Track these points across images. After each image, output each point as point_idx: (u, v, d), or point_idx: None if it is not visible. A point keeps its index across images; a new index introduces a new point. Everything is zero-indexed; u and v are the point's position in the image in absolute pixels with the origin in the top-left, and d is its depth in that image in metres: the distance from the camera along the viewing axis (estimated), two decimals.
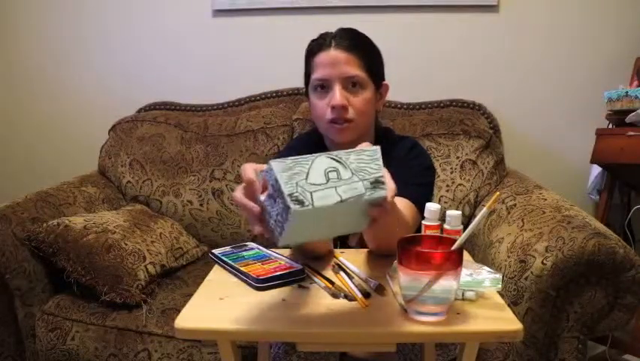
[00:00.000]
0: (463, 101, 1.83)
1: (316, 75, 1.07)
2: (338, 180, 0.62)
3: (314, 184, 0.61)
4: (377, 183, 0.64)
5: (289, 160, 0.61)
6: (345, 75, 1.05)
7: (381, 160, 0.66)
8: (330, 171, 0.63)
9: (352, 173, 0.64)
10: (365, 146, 0.68)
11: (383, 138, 1.19)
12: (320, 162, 0.63)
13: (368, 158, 0.65)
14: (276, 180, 0.60)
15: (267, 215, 0.64)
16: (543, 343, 1.09)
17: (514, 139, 1.89)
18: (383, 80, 1.14)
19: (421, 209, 0.94)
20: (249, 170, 0.67)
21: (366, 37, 1.11)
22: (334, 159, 0.64)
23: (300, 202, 0.59)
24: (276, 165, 0.61)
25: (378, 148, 0.67)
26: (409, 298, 0.68)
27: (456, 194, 1.61)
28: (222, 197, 1.71)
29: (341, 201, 0.61)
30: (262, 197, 0.64)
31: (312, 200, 0.60)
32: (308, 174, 0.61)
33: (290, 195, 0.59)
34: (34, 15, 2.05)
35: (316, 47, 1.09)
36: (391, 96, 1.26)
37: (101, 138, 1.88)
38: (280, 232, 0.61)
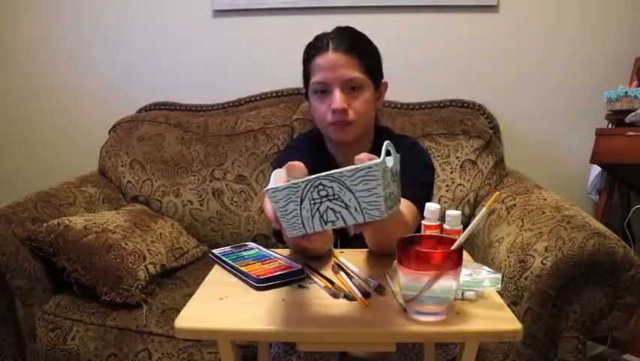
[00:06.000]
0: (462, 101, 1.83)
1: (316, 79, 1.06)
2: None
3: None
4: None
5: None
6: (345, 78, 1.04)
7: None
8: None
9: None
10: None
11: (382, 137, 1.19)
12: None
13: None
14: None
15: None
16: (543, 343, 1.09)
17: (514, 139, 1.89)
18: (382, 78, 1.13)
19: (421, 209, 0.94)
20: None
21: (364, 35, 1.11)
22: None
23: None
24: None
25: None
26: (409, 298, 0.68)
27: (456, 194, 1.61)
28: (222, 197, 1.71)
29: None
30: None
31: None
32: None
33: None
34: (35, 15, 2.05)
35: (314, 50, 1.08)
36: (391, 96, 1.26)
37: (101, 138, 1.88)
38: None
